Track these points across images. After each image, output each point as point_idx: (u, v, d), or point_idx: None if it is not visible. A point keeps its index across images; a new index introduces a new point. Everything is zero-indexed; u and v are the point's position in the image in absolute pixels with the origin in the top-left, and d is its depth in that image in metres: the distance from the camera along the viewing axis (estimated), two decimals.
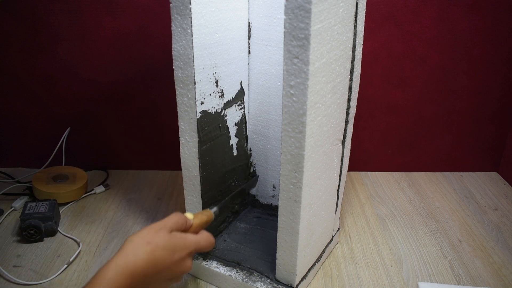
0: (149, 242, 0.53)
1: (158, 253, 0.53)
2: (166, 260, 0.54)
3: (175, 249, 0.55)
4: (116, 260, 0.51)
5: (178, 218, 0.58)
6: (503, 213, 0.97)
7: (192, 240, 0.58)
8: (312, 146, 0.60)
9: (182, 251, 0.56)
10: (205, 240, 0.61)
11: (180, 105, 0.68)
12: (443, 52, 1.00)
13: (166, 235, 0.55)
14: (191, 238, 0.58)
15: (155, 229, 0.55)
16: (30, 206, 0.85)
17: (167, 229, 0.56)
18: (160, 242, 0.54)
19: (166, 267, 0.54)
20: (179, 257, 0.55)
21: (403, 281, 0.77)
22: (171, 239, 0.55)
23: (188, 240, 0.58)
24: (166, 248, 0.54)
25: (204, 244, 0.60)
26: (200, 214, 0.65)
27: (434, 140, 1.10)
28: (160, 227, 0.56)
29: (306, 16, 0.51)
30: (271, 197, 0.88)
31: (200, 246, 0.59)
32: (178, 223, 0.58)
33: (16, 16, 0.95)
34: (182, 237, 0.57)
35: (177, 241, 0.56)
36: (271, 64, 0.76)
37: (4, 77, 1.01)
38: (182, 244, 0.56)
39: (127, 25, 0.97)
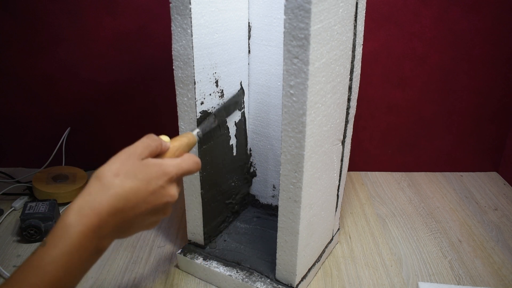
0: (117, 173, 0.45)
1: (129, 185, 0.45)
2: (140, 191, 0.46)
3: (149, 177, 0.47)
4: (79, 200, 0.44)
5: (149, 141, 0.50)
6: (503, 213, 0.97)
7: (171, 164, 0.49)
8: (312, 146, 0.60)
9: (159, 178, 0.48)
10: (187, 162, 0.51)
11: (180, 105, 0.68)
12: (443, 52, 1.00)
13: (136, 162, 0.47)
14: (168, 162, 0.50)
15: (122, 157, 0.47)
16: (30, 206, 0.85)
17: (137, 155, 0.48)
18: (130, 171, 0.46)
19: (142, 200, 0.46)
20: (156, 186, 0.47)
21: (403, 281, 0.77)
22: (142, 167, 0.47)
23: (164, 165, 0.49)
24: (137, 178, 0.46)
25: (187, 166, 0.51)
26: (179, 136, 0.56)
27: (434, 140, 1.10)
28: (129, 154, 0.47)
29: (306, 16, 0.51)
30: (271, 197, 0.88)
31: (182, 169, 0.50)
32: (151, 147, 0.49)
33: (16, 16, 0.95)
34: (156, 162, 0.49)
35: (151, 167, 0.48)
36: (271, 64, 0.76)
37: (4, 77, 1.01)
38: (159, 171, 0.48)
39: (127, 25, 0.97)
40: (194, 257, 0.76)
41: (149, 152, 0.49)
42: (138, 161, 0.47)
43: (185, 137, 0.56)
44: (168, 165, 0.49)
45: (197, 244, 0.78)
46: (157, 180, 0.47)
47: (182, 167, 0.51)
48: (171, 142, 0.53)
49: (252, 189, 0.89)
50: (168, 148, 0.52)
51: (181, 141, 0.55)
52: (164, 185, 0.48)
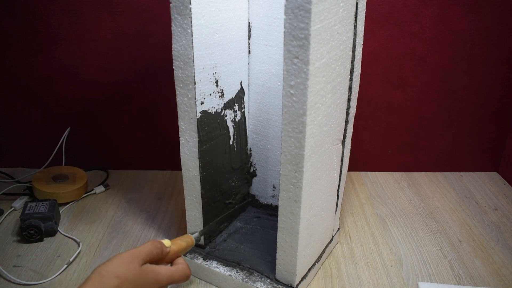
0: (118, 276, 0.50)
1: None
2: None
3: (145, 284, 0.52)
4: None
5: (153, 247, 0.56)
6: (503, 213, 0.97)
7: (165, 275, 0.55)
8: (312, 146, 0.60)
9: (153, 286, 0.53)
10: (179, 273, 0.58)
11: (180, 105, 0.68)
12: (443, 52, 1.00)
13: (137, 268, 0.52)
14: (163, 272, 0.55)
15: (126, 260, 0.52)
16: (30, 206, 0.85)
17: (139, 261, 0.53)
18: (130, 276, 0.51)
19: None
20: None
21: (403, 281, 0.77)
22: (141, 274, 0.52)
23: (160, 274, 0.55)
24: (134, 283, 0.51)
25: (178, 278, 0.57)
26: (179, 240, 0.62)
27: (434, 140, 1.10)
28: (132, 258, 0.53)
29: (306, 16, 0.51)
30: (271, 197, 0.88)
31: (173, 280, 0.57)
32: (153, 253, 0.55)
33: (16, 16, 0.95)
34: (154, 271, 0.54)
35: (148, 276, 0.53)
36: (271, 64, 0.76)
37: (4, 77, 1.01)
38: (153, 279, 0.54)
39: (127, 25, 0.97)
40: (194, 257, 0.76)
41: (149, 258, 0.55)
42: (138, 267, 0.52)
43: (184, 241, 0.62)
44: (162, 275, 0.55)
45: (197, 244, 0.78)
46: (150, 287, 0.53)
47: (174, 277, 0.57)
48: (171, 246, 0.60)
49: (252, 189, 0.89)
50: (168, 253, 0.59)
51: (180, 246, 0.61)
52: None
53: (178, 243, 0.61)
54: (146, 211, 0.95)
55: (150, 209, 0.95)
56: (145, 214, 0.94)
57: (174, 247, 0.60)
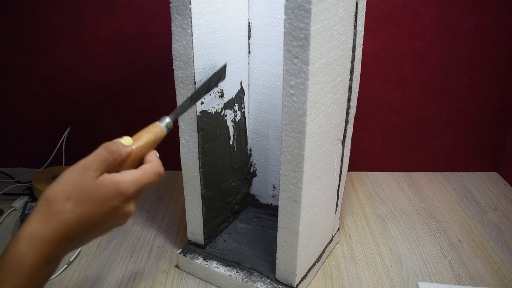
0: (68, 197, 0.42)
1: (81, 210, 0.42)
2: (93, 214, 0.43)
3: (104, 198, 0.43)
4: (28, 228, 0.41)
5: (107, 152, 0.45)
6: (503, 213, 0.97)
7: (128, 181, 0.45)
8: (312, 146, 0.60)
9: (115, 199, 0.44)
10: (148, 175, 0.47)
11: None
12: (443, 52, 1.00)
13: (90, 183, 0.43)
14: (126, 179, 0.45)
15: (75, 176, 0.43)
16: (30, 206, 0.85)
17: (92, 173, 0.43)
18: (83, 195, 0.42)
19: (96, 223, 0.44)
20: (111, 207, 0.44)
21: (403, 281, 0.77)
22: (97, 188, 0.43)
23: (121, 183, 0.44)
24: (91, 201, 0.43)
25: (147, 180, 0.47)
26: (145, 133, 0.51)
27: (434, 140, 1.10)
28: (82, 171, 0.43)
29: (306, 16, 0.51)
30: (271, 197, 0.88)
31: (141, 184, 0.46)
32: (108, 160, 0.45)
33: (16, 16, 0.95)
34: (112, 181, 0.44)
35: (106, 188, 0.43)
36: (271, 64, 0.76)
37: (4, 77, 1.01)
38: (114, 191, 0.44)
39: (127, 25, 0.97)
40: (194, 257, 0.76)
41: (105, 167, 0.45)
42: (92, 181, 0.43)
43: (151, 133, 0.51)
44: (125, 183, 0.45)
45: (197, 244, 0.78)
46: (112, 201, 0.44)
47: (142, 181, 0.46)
48: (134, 142, 0.48)
49: (252, 189, 0.89)
50: (130, 153, 0.47)
51: (146, 139, 0.50)
52: (120, 205, 0.45)
53: (144, 137, 0.50)
54: (146, 211, 0.95)
55: (150, 209, 0.95)
56: (145, 214, 0.94)
57: (138, 143, 0.49)
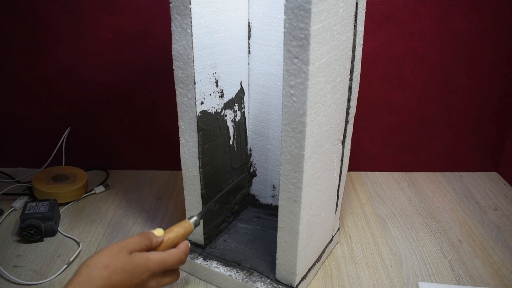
0: (106, 266, 0.49)
1: (116, 278, 0.49)
2: (125, 284, 0.50)
3: (135, 271, 0.51)
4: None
5: (141, 238, 0.55)
6: (503, 213, 0.97)
7: (155, 259, 0.54)
8: (312, 146, 0.60)
9: (143, 273, 0.52)
10: (172, 258, 0.56)
11: (180, 105, 0.68)
12: (443, 52, 1.00)
13: (125, 257, 0.51)
14: (154, 257, 0.54)
15: (114, 251, 0.51)
16: (30, 206, 0.85)
17: (127, 251, 0.52)
18: (118, 265, 0.50)
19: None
20: (139, 280, 0.52)
21: (403, 281, 0.77)
22: (131, 261, 0.51)
23: (150, 260, 0.53)
24: (125, 271, 0.50)
25: (171, 262, 0.56)
26: (175, 227, 0.61)
27: (434, 140, 1.10)
28: (120, 248, 0.52)
29: (306, 16, 0.51)
30: (271, 197, 0.88)
31: (165, 265, 0.55)
32: (141, 244, 0.54)
33: (16, 16, 0.95)
34: (143, 257, 0.53)
35: (138, 262, 0.52)
36: (271, 64, 0.76)
37: (4, 77, 1.01)
38: (143, 266, 0.53)
39: (127, 25, 0.97)
40: (194, 257, 0.76)
41: (139, 248, 0.54)
42: (127, 255, 0.51)
43: (182, 227, 0.60)
44: (152, 261, 0.54)
45: (197, 244, 0.78)
46: (141, 275, 0.52)
47: (166, 262, 0.55)
48: (166, 234, 0.58)
49: (252, 189, 0.89)
50: (161, 242, 0.57)
51: (177, 232, 0.59)
52: (146, 279, 0.53)
53: (175, 230, 0.59)
54: (146, 211, 0.95)
55: (150, 209, 0.95)
56: (145, 214, 0.94)
57: (170, 234, 0.58)
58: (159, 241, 0.57)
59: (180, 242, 0.59)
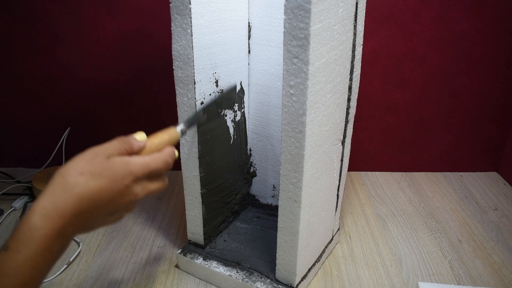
0: (82, 172, 0.44)
1: (94, 184, 0.44)
2: (104, 190, 0.45)
3: (115, 176, 0.45)
4: (42, 201, 0.43)
5: (120, 143, 0.49)
6: (503, 213, 0.97)
7: (138, 163, 0.48)
8: (312, 146, 0.60)
9: (125, 178, 0.46)
10: (156, 160, 0.50)
11: (180, 105, 0.68)
12: (443, 52, 1.00)
13: (103, 161, 0.46)
14: (136, 160, 0.48)
15: (89, 156, 0.46)
16: (30, 206, 0.85)
17: (104, 155, 0.46)
18: (96, 170, 0.45)
19: (106, 199, 0.45)
20: (121, 185, 0.46)
21: (403, 281, 0.77)
22: (109, 165, 0.46)
23: (131, 163, 0.47)
24: (103, 176, 0.45)
25: (155, 165, 0.49)
26: (160, 133, 0.54)
27: (434, 140, 1.10)
28: (96, 153, 0.46)
29: (305, 16, 0.51)
30: (271, 197, 0.88)
31: (150, 169, 0.49)
32: (120, 149, 0.48)
33: (16, 16, 0.96)
34: (123, 161, 0.47)
35: (117, 166, 0.46)
36: (271, 64, 0.76)
37: (4, 77, 1.01)
38: (124, 169, 0.46)
39: (127, 25, 0.97)
40: (194, 257, 0.76)
41: (118, 153, 0.48)
42: (104, 160, 0.46)
43: (166, 134, 0.54)
44: (135, 164, 0.48)
45: (197, 244, 0.78)
46: (122, 180, 0.46)
47: (150, 166, 0.49)
48: (149, 140, 0.52)
49: (252, 189, 0.89)
50: (143, 148, 0.51)
51: (161, 138, 0.53)
52: (130, 184, 0.47)
53: (158, 136, 0.54)
54: (146, 211, 0.95)
55: (150, 209, 0.95)
56: (145, 214, 0.94)
57: (153, 140, 0.52)
58: (141, 146, 0.51)
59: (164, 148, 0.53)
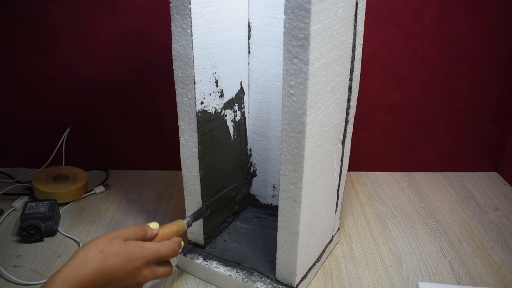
0: (101, 250, 0.51)
1: (110, 262, 0.51)
2: (119, 269, 0.52)
3: (129, 257, 0.53)
4: (65, 269, 0.49)
5: (137, 228, 0.57)
6: (503, 213, 0.97)
7: (150, 248, 0.56)
8: (312, 146, 0.60)
9: (138, 260, 0.54)
10: (166, 248, 0.58)
11: (180, 105, 0.68)
12: (443, 52, 1.00)
13: (120, 243, 0.53)
14: (148, 246, 0.56)
15: (109, 237, 0.53)
16: (30, 206, 0.85)
17: (122, 238, 0.54)
18: (113, 250, 0.52)
19: (119, 277, 0.52)
20: (133, 267, 0.53)
21: (403, 281, 0.77)
22: (125, 247, 0.53)
23: (144, 248, 0.55)
24: (119, 256, 0.52)
25: (164, 252, 0.57)
26: (169, 223, 0.63)
27: (434, 140, 1.10)
28: (116, 235, 0.54)
29: (305, 16, 0.51)
30: (271, 197, 0.88)
31: (159, 255, 0.57)
32: (137, 234, 0.56)
33: (16, 16, 0.95)
34: (138, 245, 0.55)
35: (132, 249, 0.54)
36: (271, 64, 0.76)
37: (4, 77, 1.01)
38: (138, 252, 0.54)
39: (127, 25, 0.97)
40: (194, 257, 0.76)
41: (134, 237, 0.56)
42: (122, 242, 0.53)
43: (175, 225, 0.63)
44: (147, 249, 0.55)
45: (197, 244, 0.78)
46: (136, 261, 0.53)
47: (160, 252, 0.57)
48: (161, 229, 0.60)
49: (252, 189, 0.89)
50: (156, 235, 0.59)
51: (170, 228, 0.62)
52: (141, 266, 0.54)
53: (168, 226, 0.62)
54: (146, 211, 0.95)
55: (150, 209, 0.95)
56: (145, 214, 0.94)
57: (164, 229, 0.61)
58: (154, 233, 0.59)
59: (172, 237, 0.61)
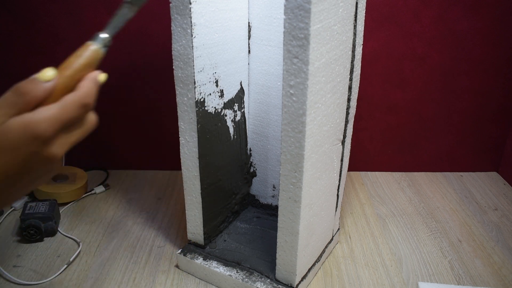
0: None
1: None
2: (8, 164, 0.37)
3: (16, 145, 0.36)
4: None
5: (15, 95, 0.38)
6: (503, 213, 0.97)
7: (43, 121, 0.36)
8: (312, 146, 0.60)
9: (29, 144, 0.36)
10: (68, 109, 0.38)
11: (180, 105, 0.68)
12: (443, 52, 1.00)
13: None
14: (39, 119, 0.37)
15: None
16: (30, 206, 0.85)
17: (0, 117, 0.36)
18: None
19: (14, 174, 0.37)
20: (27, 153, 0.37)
21: (403, 281, 0.77)
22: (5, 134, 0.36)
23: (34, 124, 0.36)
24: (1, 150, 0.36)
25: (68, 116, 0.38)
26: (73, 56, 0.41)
27: (434, 140, 1.10)
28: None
29: (305, 16, 0.51)
30: (271, 197, 0.88)
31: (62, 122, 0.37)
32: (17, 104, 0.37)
33: (16, 16, 0.95)
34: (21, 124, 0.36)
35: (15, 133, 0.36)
36: (271, 64, 0.76)
37: (4, 77, 1.01)
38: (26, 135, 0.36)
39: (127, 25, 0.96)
40: (194, 257, 0.76)
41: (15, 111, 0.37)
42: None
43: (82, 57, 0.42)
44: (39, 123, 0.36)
45: (197, 244, 0.78)
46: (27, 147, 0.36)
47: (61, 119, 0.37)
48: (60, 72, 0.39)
49: (252, 189, 0.89)
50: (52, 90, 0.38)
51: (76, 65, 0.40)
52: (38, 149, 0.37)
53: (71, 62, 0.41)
54: (146, 211, 0.95)
55: (150, 209, 0.95)
56: (145, 214, 0.94)
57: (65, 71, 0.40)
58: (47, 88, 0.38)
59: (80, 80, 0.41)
